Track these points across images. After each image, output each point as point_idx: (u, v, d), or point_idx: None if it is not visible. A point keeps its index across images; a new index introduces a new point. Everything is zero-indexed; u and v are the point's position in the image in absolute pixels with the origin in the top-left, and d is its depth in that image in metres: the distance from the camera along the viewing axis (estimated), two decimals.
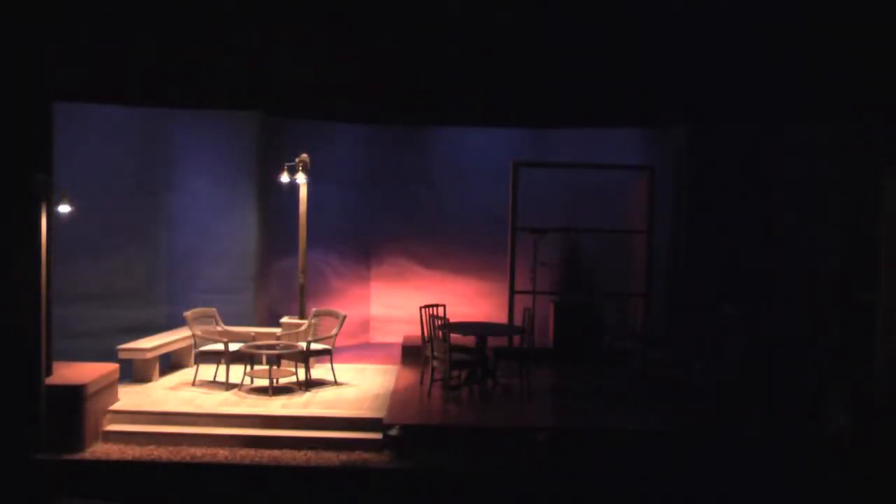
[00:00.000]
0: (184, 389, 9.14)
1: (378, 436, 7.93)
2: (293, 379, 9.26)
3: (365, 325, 12.51)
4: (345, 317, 9.70)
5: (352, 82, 11.67)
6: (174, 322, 10.28)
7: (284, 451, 7.81)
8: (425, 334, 9.60)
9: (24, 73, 7.67)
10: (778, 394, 8.89)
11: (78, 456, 7.53)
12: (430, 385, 9.09)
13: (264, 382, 9.04)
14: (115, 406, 8.35)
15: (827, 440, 7.81)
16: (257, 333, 9.75)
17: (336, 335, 9.56)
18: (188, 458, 7.54)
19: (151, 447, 7.83)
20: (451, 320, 9.95)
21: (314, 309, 10.20)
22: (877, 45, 9.77)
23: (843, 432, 7.83)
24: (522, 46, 11.31)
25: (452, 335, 9.16)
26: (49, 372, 7.81)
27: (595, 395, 9.24)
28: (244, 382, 9.17)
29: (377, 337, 12.54)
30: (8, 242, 7.55)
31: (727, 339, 9.28)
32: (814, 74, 10.25)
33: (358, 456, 7.72)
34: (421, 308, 9.80)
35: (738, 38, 10.34)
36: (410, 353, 10.76)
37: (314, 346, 9.51)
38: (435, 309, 9.75)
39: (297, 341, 9.66)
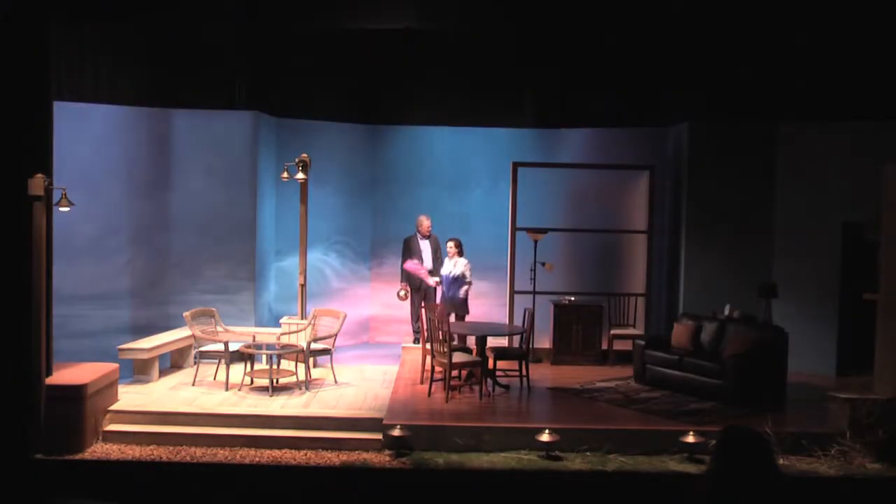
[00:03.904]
0: (184, 389, 9.14)
1: (378, 436, 7.93)
2: (293, 379, 9.26)
3: (365, 325, 12.51)
4: (345, 316, 9.69)
5: (353, 82, 11.65)
6: (174, 322, 10.27)
7: (284, 451, 7.81)
8: (425, 334, 9.60)
9: (24, 73, 7.66)
10: (778, 393, 8.88)
11: (78, 456, 7.53)
12: (430, 385, 9.09)
13: (264, 382, 9.04)
14: (115, 406, 8.35)
15: (828, 439, 7.81)
16: (257, 333, 9.75)
17: (336, 335, 9.56)
18: (188, 458, 7.54)
19: (151, 447, 7.83)
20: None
21: (314, 309, 10.19)
22: (877, 44, 9.76)
23: (845, 431, 7.83)
24: (522, 46, 11.29)
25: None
26: (49, 372, 7.81)
27: (596, 395, 9.24)
28: (244, 382, 9.17)
29: (377, 337, 12.53)
30: (7, 243, 7.54)
31: (727, 339, 9.27)
32: (814, 74, 10.23)
33: (358, 456, 7.73)
34: (421, 308, 9.80)
35: (738, 38, 10.33)
36: (410, 353, 10.77)
37: (314, 346, 9.51)
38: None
39: (297, 341, 9.66)
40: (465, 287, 10.62)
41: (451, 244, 10.78)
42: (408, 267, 11.13)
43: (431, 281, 11.03)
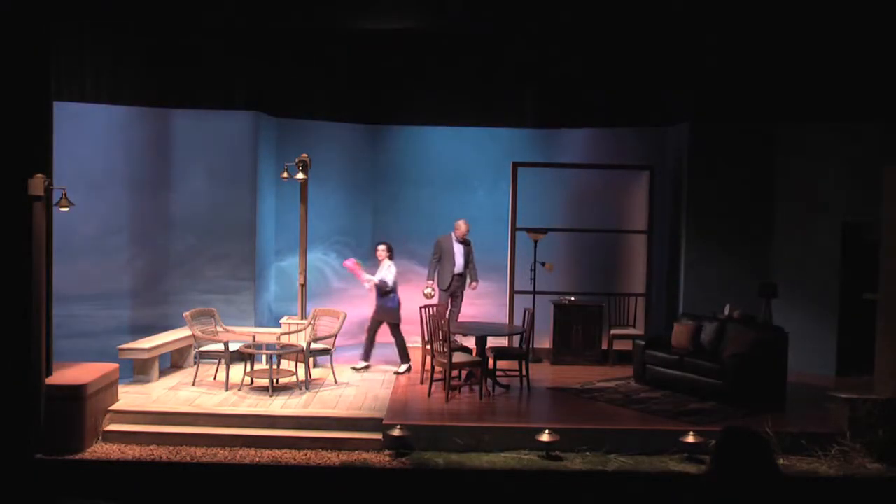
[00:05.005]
0: (184, 389, 9.14)
1: (378, 436, 7.93)
2: (293, 379, 9.27)
3: (365, 326, 12.47)
4: (345, 316, 9.70)
5: (353, 82, 11.65)
6: (174, 322, 10.27)
7: (284, 451, 7.81)
8: (425, 334, 9.60)
9: (24, 73, 7.66)
10: (778, 393, 8.88)
11: (78, 456, 7.53)
12: (430, 385, 9.09)
13: (264, 382, 9.04)
14: (115, 406, 8.35)
15: (828, 439, 7.81)
16: (257, 333, 9.75)
17: (336, 335, 9.56)
18: (188, 458, 7.54)
19: (151, 447, 7.83)
20: None
21: (314, 309, 10.19)
22: (877, 45, 9.76)
23: (845, 431, 7.83)
24: (522, 47, 11.29)
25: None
26: (49, 372, 7.81)
27: (596, 395, 9.24)
28: (244, 382, 9.17)
29: (377, 337, 12.48)
30: (7, 243, 7.54)
31: (727, 339, 9.27)
32: (815, 74, 10.23)
33: (358, 456, 7.73)
34: (421, 308, 9.80)
35: (738, 38, 10.33)
36: (410, 354, 10.75)
37: (314, 346, 9.52)
38: (435, 309, 9.75)
39: (297, 341, 9.66)
40: (391, 294, 10.11)
41: (381, 248, 10.24)
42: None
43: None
